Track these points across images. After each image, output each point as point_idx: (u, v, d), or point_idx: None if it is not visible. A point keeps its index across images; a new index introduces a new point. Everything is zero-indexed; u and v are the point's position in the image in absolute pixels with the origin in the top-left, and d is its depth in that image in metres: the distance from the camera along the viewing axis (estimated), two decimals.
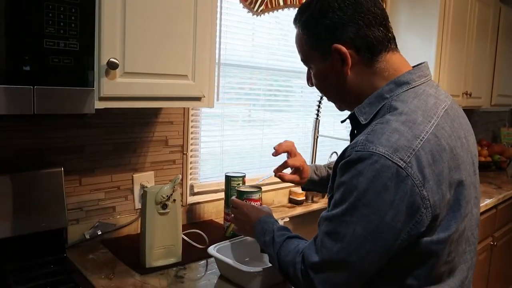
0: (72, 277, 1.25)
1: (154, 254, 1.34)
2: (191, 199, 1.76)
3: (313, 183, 1.41)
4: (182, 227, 1.39)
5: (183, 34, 1.27)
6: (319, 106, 2.13)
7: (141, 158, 1.61)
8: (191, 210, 1.76)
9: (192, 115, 1.71)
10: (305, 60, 1.02)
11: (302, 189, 1.52)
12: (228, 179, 1.59)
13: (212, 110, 1.82)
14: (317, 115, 2.15)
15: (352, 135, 1.02)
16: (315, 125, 2.16)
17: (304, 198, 2.14)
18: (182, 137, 1.70)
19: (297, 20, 0.99)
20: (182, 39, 1.27)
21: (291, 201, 2.14)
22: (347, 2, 0.92)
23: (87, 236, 1.49)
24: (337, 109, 1.08)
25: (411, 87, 0.92)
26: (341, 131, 2.23)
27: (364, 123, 0.93)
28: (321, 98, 2.11)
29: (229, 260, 1.22)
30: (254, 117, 2.04)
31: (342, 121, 1.05)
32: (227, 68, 1.84)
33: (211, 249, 1.30)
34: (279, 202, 2.11)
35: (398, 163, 0.80)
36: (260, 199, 1.57)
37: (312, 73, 1.02)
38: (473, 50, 2.67)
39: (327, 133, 2.26)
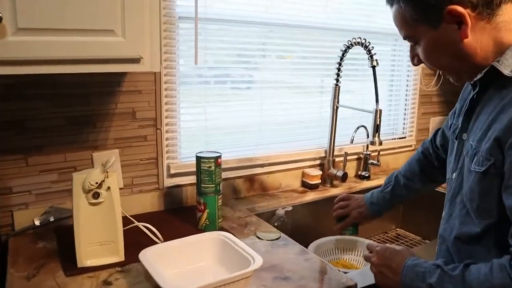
0: None
1: (88, 251, 1.11)
2: (169, 182, 1.51)
3: (379, 208, 1.40)
4: (152, 215, 1.21)
5: None
6: (339, 69, 1.74)
7: (102, 134, 1.37)
8: (169, 194, 1.51)
9: (165, 83, 1.43)
10: (410, 36, 0.94)
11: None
12: (199, 160, 1.31)
13: (194, 78, 1.52)
14: (337, 80, 1.75)
15: (473, 102, 0.95)
16: (334, 93, 1.77)
17: (319, 181, 1.80)
18: (154, 108, 1.43)
19: None
20: None
21: (304, 184, 1.81)
22: None
23: (37, 223, 1.31)
24: (454, 82, 0.98)
25: None
26: (371, 100, 1.81)
27: (510, 75, 0.85)
28: (342, 56, 1.71)
29: (155, 272, 0.95)
30: (253, 83, 1.71)
31: (473, 82, 0.94)
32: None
33: (144, 253, 1.04)
34: (288, 186, 1.79)
35: None
36: None
37: (420, 48, 0.93)
38: None
39: (351, 103, 1.85)
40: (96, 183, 1.07)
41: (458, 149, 1.01)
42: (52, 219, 1.32)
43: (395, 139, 2.18)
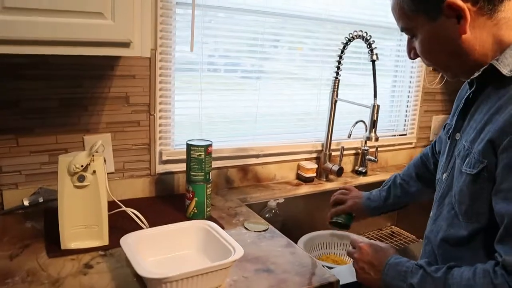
0: None
1: (72, 234, 1.11)
2: (161, 168, 1.50)
3: (373, 204, 1.37)
4: (142, 201, 1.21)
5: None
6: (339, 62, 1.71)
7: (94, 118, 1.37)
8: (161, 181, 1.51)
9: (160, 68, 1.42)
10: (407, 28, 0.91)
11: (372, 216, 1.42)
12: (189, 147, 1.30)
13: (189, 64, 1.51)
14: (337, 73, 1.73)
15: (469, 101, 0.93)
16: (334, 86, 1.74)
17: (315, 174, 1.78)
18: (148, 94, 1.42)
19: None
20: None
21: (299, 177, 1.79)
22: None
23: (26, 203, 1.31)
24: (449, 78, 0.95)
25: None
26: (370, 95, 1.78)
27: (509, 75, 0.82)
28: (343, 49, 1.68)
29: (133, 258, 0.95)
30: (248, 72, 1.69)
31: (470, 81, 0.93)
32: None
33: (125, 238, 1.03)
34: (283, 178, 1.77)
35: None
36: None
37: (417, 41, 0.90)
38: None
39: (352, 97, 1.83)
40: (82, 166, 1.07)
41: (450, 149, 0.99)
42: (41, 200, 1.32)
43: (395, 135, 2.15)
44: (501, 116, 0.80)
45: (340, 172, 1.76)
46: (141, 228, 1.19)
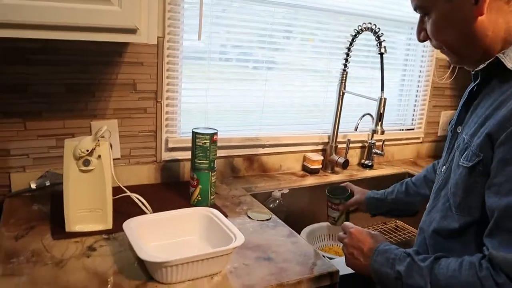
0: None
1: (77, 217, 1.13)
2: (167, 155, 1.51)
3: (373, 198, 1.38)
4: (147, 187, 1.22)
5: None
6: (347, 54, 1.70)
7: (101, 104, 1.38)
8: (166, 168, 1.52)
9: (168, 56, 1.42)
10: (422, 6, 0.88)
11: (372, 215, 1.44)
12: (194, 135, 1.30)
13: (197, 53, 1.51)
14: (345, 65, 1.72)
15: (472, 94, 0.92)
16: (342, 78, 1.74)
17: (320, 166, 1.78)
18: (155, 81, 1.43)
19: None
20: None
21: (304, 168, 1.79)
22: None
23: (33, 186, 1.33)
24: (453, 63, 0.95)
25: None
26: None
27: None
28: (352, 41, 1.67)
29: (134, 242, 0.96)
30: (257, 62, 1.69)
31: (474, 73, 0.91)
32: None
33: (128, 222, 1.05)
34: (289, 169, 1.78)
35: None
36: None
37: (430, 20, 0.88)
38: None
39: (359, 91, 1.82)
40: (87, 150, 1.08)
41: (451, 142, 0.99)
42: (48, 183, 1.34)
43: (403, 130, 2.14)
44: (501, 111, 0.79)
45: (345, 164, 1.76)
46: (145, 213, 1.20)
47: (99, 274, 0.96)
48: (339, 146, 1.83)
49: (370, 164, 1.93)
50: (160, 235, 1.10)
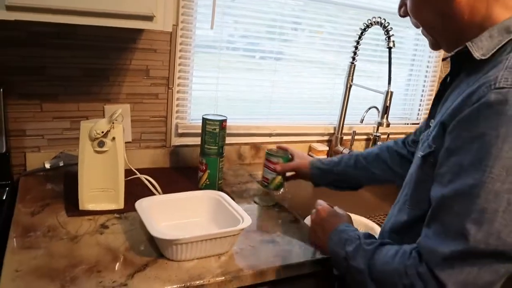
0: (0, 207, 1.15)
1: (90, 196, 1.17)
2: (176, 141, 1.56)
3: (321, 175, 1.32)
4: (156, 170, 1.26)
5: None
6: (356, 48, 1.73)
7: (115, 88, 1.42)
8: (176, 153, 1.56)
9: (180, 44, 1.46)
10: None
11: (316, 186, 1.38)
12: (204, 122, 1.34)
13: (209, 42, 1.55)
14: (353, 58, 1.75)
15: (445, 85, 0.89)
16: (350, 71, 1.77)
17: (325, 156, 1.82)
18: (167, 68, 1.47)
19: None
20: None
21: None
22: None
23: (47, 166, 1.38)
24: (430, 47, 0.90)
25: None
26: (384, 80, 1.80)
27: (480, 58, 0.77)
28: (361, 34, 1.70)
29: (147, 220, 1.00)
30: (267, 53, 1.72)
31: (444, 59, 0.90)
32: None
33: (140, 202, 1.09)
34: None
35: None
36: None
37: None
38: None
39: (367, 84, 1.85)
40: (102, 132, 1.13)
41: (423, 136, 0.94)
42: (61, 164, 1.39)
43: (408, 124, 2.17)
44: (456, 102, 0.76)
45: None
46: (154, 195, 1.24)
47: (112, 250, 1.01)
48: (345, 137, 1.86)
49: None
50: (170, 216, 1.14)
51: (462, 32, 0.81)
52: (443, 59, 0.91)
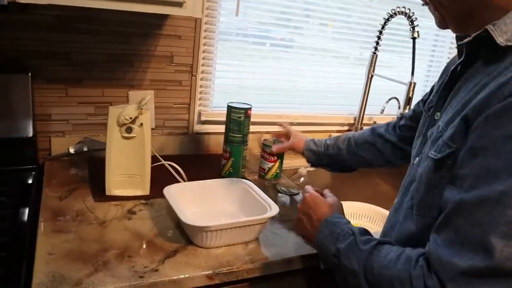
0: (28, 190, 1.16)
1: (117, 181, 1.18)
2: (198, 128, 1.56)
3: (314, 157, 1.31)
4: (179, 157, 1.26)
5: None
6: (379, 37, 1.72)
7: (139, 74, 1.42)
8: (197, 140, 1.57)
9: (205, 31, 1.45)
10: None
11: (312, 165, 1.38)
12: (229, 109, 1.34)
13: (234, 30, 1.54)
14: (376, 48, 1.74)
15: (455, 75, 0.77)
16: (371, 61, 1.75)
17: None
18: (191, 55, 1.47)
19: None
20: None
21: None
22: None
23: (72, 151, 1.38)
24: (436, 24, 0.79)
25: None
26: (407, 75, 1.78)
27: (506, 44, 0.65)
28: (384, 24, 1.68)
29: (176, 206, 1.01)
30: (290, 42, 1.71)
31: (459, 48, 0.77)
32: None
33: (169, 188, 1.09)
34: None
35: None
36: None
37: None
38: None
39: (385, 73, 1.83)
40: (130, 118, 1.13)
41: (426, 130, 0.84)
42: (85, 149, 1.40)
43: None
44: (481, 94, 0.66)
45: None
46: (179, 181, 1.25)
47: (141, 235, 1.02)
48: (364, 128, 1.85)
49: None
50: (196, 202, 1.14)
51: (474, 12, 0.70)
52: (459, 45, 0.77)
